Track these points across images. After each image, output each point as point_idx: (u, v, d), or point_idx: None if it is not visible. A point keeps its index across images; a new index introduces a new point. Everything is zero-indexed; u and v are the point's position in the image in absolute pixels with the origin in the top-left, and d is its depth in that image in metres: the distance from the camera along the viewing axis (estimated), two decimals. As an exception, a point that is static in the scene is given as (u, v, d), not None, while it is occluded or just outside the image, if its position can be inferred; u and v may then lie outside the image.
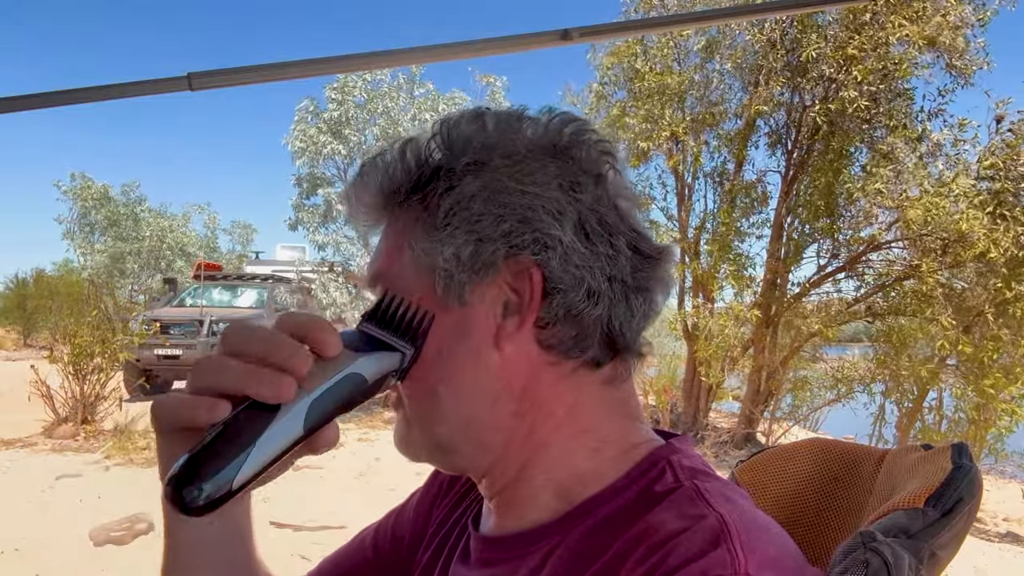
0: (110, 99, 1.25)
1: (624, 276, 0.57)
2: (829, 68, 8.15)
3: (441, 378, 0.57)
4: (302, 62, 1.32)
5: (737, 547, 0.45)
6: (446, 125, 0.60)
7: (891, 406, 9.10)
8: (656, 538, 0.48)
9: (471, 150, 0.57)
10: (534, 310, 0.55)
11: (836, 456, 0.76)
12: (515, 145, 0.57)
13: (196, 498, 0.42)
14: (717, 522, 0.47)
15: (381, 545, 0.78)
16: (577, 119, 0.61)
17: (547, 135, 0.59)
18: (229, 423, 0.45)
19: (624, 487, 0.55)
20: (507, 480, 0.60)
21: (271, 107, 64.39)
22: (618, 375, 0.60)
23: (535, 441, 0.58)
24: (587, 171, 0.58)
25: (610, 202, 0.58)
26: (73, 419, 7.71)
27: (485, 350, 0.56)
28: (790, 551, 0.49)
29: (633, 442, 0.59)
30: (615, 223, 0.57)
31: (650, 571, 0.46)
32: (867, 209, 8.33)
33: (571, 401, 0.58)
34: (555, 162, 0.57)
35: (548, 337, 0.56)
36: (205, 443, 0.44)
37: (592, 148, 0.59)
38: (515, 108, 0.62)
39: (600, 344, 0.57)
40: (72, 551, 4.20)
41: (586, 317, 0.56)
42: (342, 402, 0.50)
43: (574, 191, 0.56)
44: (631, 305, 0.57)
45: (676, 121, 8.88)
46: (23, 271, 28.45)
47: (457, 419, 0.57)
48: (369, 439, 8.53)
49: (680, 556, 0.46)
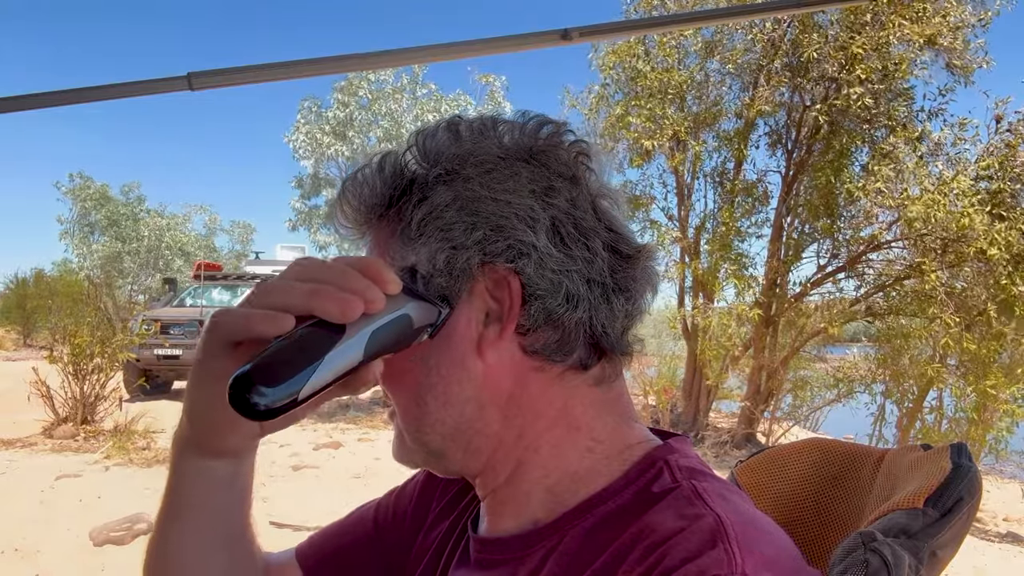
0: (110, 99, 1.25)
1: (603, 278, 0.57)
2: (831, 67, 8.16)
3: (427, 388, 0.58)
4: (302, 62, 1.33)
5: (734, 547, 0.45)
6: (421, 136, 0.60)
7: (891, 406, 9.10)
8: (653, 538, 0.48)
9: (443, 160, 0.58)
10: (513, 318, 0.55)
11: (835, 456, 0.76)
12: (487, 153, 0.57)
13: (260, 402, 0.43)
14: (714, 522, 0.47)
15: (382, 521, 0.78)
16: (552, 121, 0.61)
17: (522, 140, 0.59)
18: (295, 337, 0.46)
19: (622, 487, 0.55)
20: (499, 482, 0.60)
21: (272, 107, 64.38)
22: (607, 376, 0.60)
23: (524, 444, 0.58)
24: (561, 175, 0.58)
25: (588, 204, 0.58)
26: (73, 419, 7.71)
27: (469, 359, 0.56)
28: (788, 551, 0.49)
29: (628, 442, 0.59)
30: (591, 225, 0.57)
31: (647, 571, 0.46)
32: (867, 209, 8.34)
33: (560, 404, 0.58)
34: (528, 167, 0.57)
35: (531, 343, 0.56)
36: (272, 351, 0.45)
37: (566, 151, 0.59)
38: (491, 115, 0.62)
39: (585, 347, 0.57)
40: (72, 551, 4.20)
41: (567, 321, 0.56)
42: (391, 340, 0.51)
43: (547, 196, 0.56)
44: (613, 306, 0.57)
45: (677, 120, 8.88)
46: (23, 271, 28.45)
47: (445, 427, 0.58)
48: (369, 439, 8.53)
49: (677, 556, 0.46)
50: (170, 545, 0.62)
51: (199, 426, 0.55)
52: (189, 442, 0.57)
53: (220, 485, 0.59)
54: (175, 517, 0.61)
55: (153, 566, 0.65)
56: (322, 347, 0.46)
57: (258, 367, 0.44)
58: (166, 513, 0.62)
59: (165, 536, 0.63)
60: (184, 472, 0.59)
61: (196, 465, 0.58)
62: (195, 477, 0.58)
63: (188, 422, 0.56)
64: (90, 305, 8.39)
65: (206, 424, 0.55)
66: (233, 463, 0.59)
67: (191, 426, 0.56)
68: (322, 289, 0.48)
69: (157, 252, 24.97)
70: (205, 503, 0.60)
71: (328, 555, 0.77)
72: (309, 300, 0.47)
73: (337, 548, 0.78)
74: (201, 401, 0.53)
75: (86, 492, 5.43)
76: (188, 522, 0.61)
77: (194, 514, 0.61)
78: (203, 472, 0.58)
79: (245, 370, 0.44)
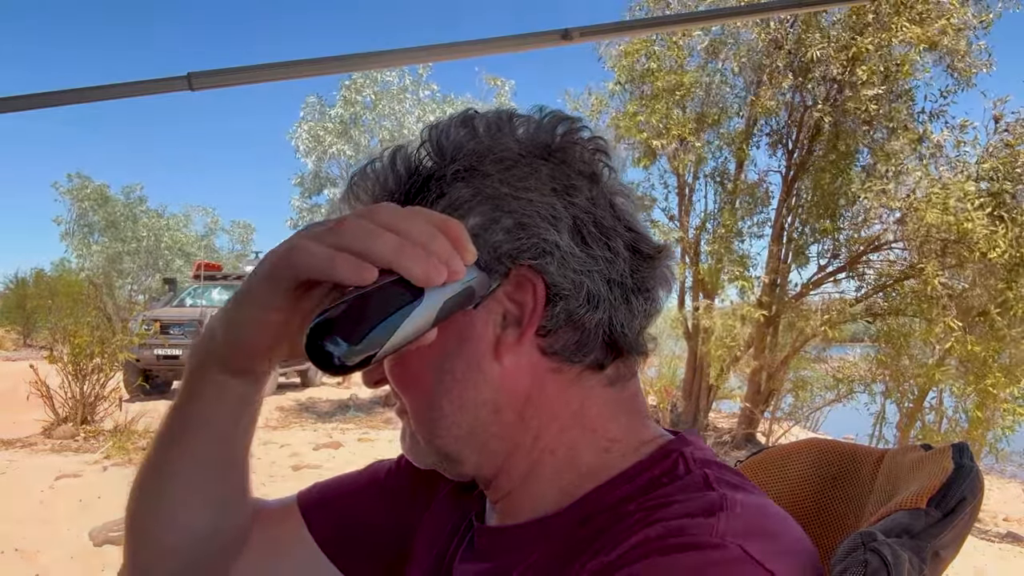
0: (110, 99, 1.25)
1: (623, 278, 0.56)
2: (833, 68, 8.15)
3: (443, 392, 0.56)
4: (302, 62, 1.33)
5: (731, 522, 0.45)
6: (435, 131, 0.59)
7: (891, 406, 9.10)
8: (656, 504, 0.49)
9: (461, 156, 0.56)
10: (535, 320, 0.54)
11: (835, 456, 0.76)
12: (506, 149, 0.56)
13: (337, 355, 0.42)
14: (719, 498, 0.47)
15: (392, 482, 0.76)
16: (569, 117, 0.60)
17: (539, 136, 0.58)
18: (377, 293, 0.44)
19: (633, 475, 0.55)
20: (514, 485, 0.59)
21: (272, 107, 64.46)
22: (622, 375, 0.59)
23: (541, 446, 0.57)
24: (581, 172, 0.57)
25: (606, 202, 0.57)
26: (73, 419, 7.71)
27: (485, 362, 0.55)
28: (793, 542, 0.49)
29: (643, 439, 0.59)
30: (612, 225, 0.56)
31: (641, 520, 0.47)
32: (869, 209, 8.34)
33: (576, 405, 0.57)
34: (547, 165, 0.56)
35: (550, 344, 0.55)
36: (354, 305, 0.43)
37: (585, 148, 0.58)
38: (505, 109, 0.61)
39: (602, 347, 0.56)
40: (72, 551, 4.20)
41: (587, 322, 0.55)
42: (452, 311, 0.49)
43: (569, 194, 0.55)
44: (632, 306, 0.56)
45: (683, 121, 8.87)
46: (23, 271, 28.45)
47: (460, 430, 0.57)
48: (369, 439, 8.53)
49: (670, 512, 0.47)
50: (168, 466, 0.61)
51: (233, 343, 0.54)
52: (214, 355, 0.55)
53: (234, 404, 0.58)
54: (180, 434, 0.59)
55: (144, 488, 0.63)
56: (402, 309, 0.44)
57: (341, 320, 0.43)
58: (170, 430, 0.60)
59: (164, 457, 0.61)
60: (201, 385, 0.57)
61: (216, 380, 0.56)
62: (211, 392, 0.57)
63: (223, 336, 0.54)
64: (90, 305, 8.39)
65: (241, 343, 0.53)
66: (252, 384, 0.57)
67: (225, 340, 0.54)
68: (411, 248, 0.45)
69: (157, 252, 24.98)
70: (214, 420, 0.58)
71: (331, 499, 0.75)
72: (398, 256, 0.45)
73: (341, 495, 0.76)
74: (246, 322, 0.52)
75: (86, 492, 5.43)
76: (192, 441, 0.59)
77: (201, 432, 0.59)
78: (221, 388, 0.56)
79: (327, 319, 0.42)
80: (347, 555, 0.73)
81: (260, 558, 0.70)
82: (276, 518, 0.73)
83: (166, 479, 0.61)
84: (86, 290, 9.19)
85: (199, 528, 0.63)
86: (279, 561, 0.72)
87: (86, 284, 11.06)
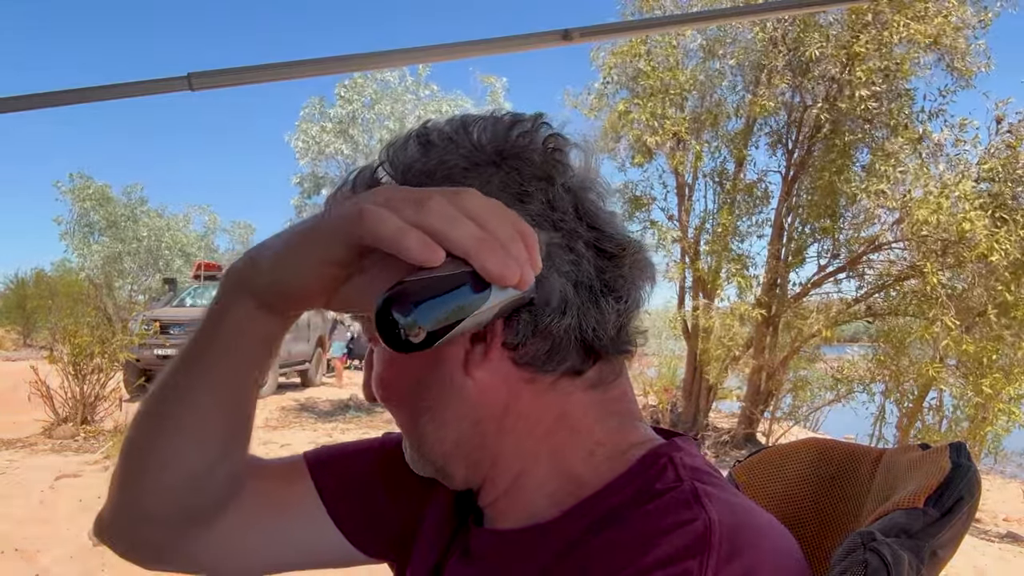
0: (110, 99, 1.25)
1: (590, 280, 0.55)
2: (833, 67, 8.15)
3: (422, 410, 0.58)
4: (302, 62, 1.33)
5: (712, 560, 0.45)
6: (392, 150, 0.59)
7: (891, 406, 9.10)
8: (641, 533, 0.49)
9: (411, 176, 0.56)
10: (497, 334, 0.54)
11: (834, 456, 0.76)
12: (454, 166, 0.55)
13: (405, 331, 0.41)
14: (703, 528, 0.47)
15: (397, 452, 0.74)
16: (525, 118, 0.59)
17: (494, 141, 0.57)
18: (450, 279, 0.43)
19: (623, 484, 0.55)
20: (499, 492, 0.60)
21: (272, 107, 64.43)
22: (605, 377, 0.59)
23: (524, 454, 0.58)
24: (535, 175, 0.55)
25: (567, 203, 0.56)
26: (73, 419, 7.72)
27: (458, 378, 0.55)
28: (778, 557, 0.49)
29: (631, 442, 0.58)
30: (572, 227, 0.55)
31: (625, 565, 0.47)
32: (868, 209, 8.34)
33: (557, 411, 0.57)
34: (499, 172, 0.55)
35: (520, 356, 0.55)
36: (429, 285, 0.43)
37: (538, 149, 0.57)
38: (461, 116, 0.60)
39: (577, 352, 0.56)
40: (72, 551, 4.20)
41: (555, 329, 0.54)
42: (502, 316, 0.49)
43: (523, 201, 0.54)
44: (602, 308, 0.55)
45: (678, 121, 8.87)
46: (23, 271, 28.44)
47: (444, 445, 0.58)
48: (369, 439, 8.52)
49: (653, 557, 0.46)
50: (183, 391, 0.58)
51: (277, 283, 0.51)
52: (252, 286, 0.53)
53: (258, 339, 0.56)
54: (197, 358, 0.57)
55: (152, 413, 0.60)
56: (470, 300, 0.44)
57: (417, 294, 0.42)
58: (191, 353, 0.57)
59: (180, 381, 0.58)
60: (232, 311, 0.54)
61: (246, 309, 0.53)
62: (240, 320, 0.54)
63: (269, 273, 0.51)
64: (90, 305, 8.39)
65: (286, 286, 0.51)
66: (279, 325, 0.55)
67: (271, 278, 0.51)
68: (493, 244, 0.44)
69: (157, 252, 24.96)
70: (236, 351, 0.56)
71: (336, 456, 0.75)
72: (478, 249, 0.43)
73: (347, 454, 0.76)
74: (299, 268, 0.50)
75: (86, 492, 5.43)
76: (212, 367, 0.57)
77: (222, 360, 0.56)
78: (250, 318, 0.54)
79: (405, 290, 0.42)
80: (352, 519, 0.72)
81: (263, 515, 0.69)
82: (279, 474, 0.73)
83: (177, 403, 0.59)
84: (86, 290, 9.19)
85: (198, 467, 0.60)
86: (280, 516, 0.71)
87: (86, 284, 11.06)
